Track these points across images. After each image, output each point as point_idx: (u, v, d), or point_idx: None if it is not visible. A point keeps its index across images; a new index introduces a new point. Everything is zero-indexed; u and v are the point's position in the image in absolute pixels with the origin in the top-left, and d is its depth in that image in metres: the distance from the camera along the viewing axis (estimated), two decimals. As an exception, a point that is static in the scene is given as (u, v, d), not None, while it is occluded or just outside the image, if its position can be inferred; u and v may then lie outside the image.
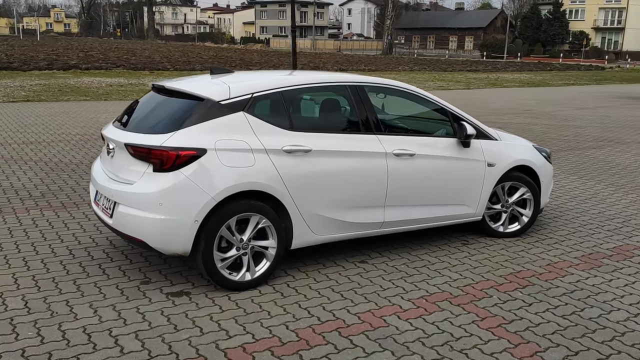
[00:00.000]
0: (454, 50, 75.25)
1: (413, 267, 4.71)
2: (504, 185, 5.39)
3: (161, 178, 3.89)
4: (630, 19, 69.71)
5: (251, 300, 4.01)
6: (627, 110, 17.89)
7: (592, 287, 4.37)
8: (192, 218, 3.87)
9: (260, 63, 40.92)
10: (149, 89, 19.19)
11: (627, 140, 11.91)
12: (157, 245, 3.94)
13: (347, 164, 4.45)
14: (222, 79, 4.52)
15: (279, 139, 4.20)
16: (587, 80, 34.90)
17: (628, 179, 8.22)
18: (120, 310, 3.82)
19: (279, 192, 4.16)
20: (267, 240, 4.21)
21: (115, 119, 4.78)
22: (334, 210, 4.45)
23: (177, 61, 38.82)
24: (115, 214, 4.09)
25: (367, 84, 4.81)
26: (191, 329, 3.60)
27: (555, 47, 69.61)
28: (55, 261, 4.63)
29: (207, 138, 3.98)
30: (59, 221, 5.66)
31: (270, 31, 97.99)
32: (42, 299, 3.96)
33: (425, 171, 4.83)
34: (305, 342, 3.46)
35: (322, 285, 4.31)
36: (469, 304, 4.02)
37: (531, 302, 4.08)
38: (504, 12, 77.43)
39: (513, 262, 4.86)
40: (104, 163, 4.55)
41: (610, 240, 5.48)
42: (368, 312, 3.88)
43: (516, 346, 3.46)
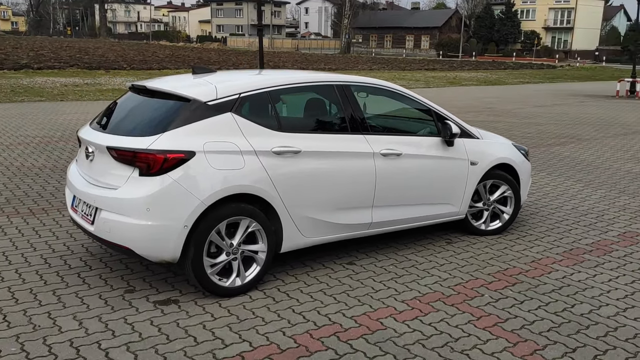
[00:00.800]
0: (410, 50, 76.13)
1: (402, 267, 4.68)
2: (486, 183, 5.43)
3: (148, 182, 3.73)
4: (579, 19, 72.03)
5: (243, 307, 3.90)
6: (582, 108, 18.42)
7: (578, 282, 4.43)
8: (182, 223, 3.74)
9: (218, 62, 40.42)
10: (105, 88, 18.66)
11: (587, 137, 12.25)
12: (145, 252, 3.78)
13: (336, 164, 4.38)
14: (206, 78, 4.38)
15: (267, 140, 4.10)
16: (541, 79, 35.83)
17: (594, 175, 8.43)
18: (107, 321, 3.65)
19: (269, 194, 4.06)
20: (257, 244, 4.11)
21: (93, 120, 4.59)
22: (323, 211, 4.38)
23: (132, 60, 37.97)
24: (98, 220, 3.91)
25: (353, 83, 4.75)
26: (184, 338, 3.47)
27: (508, 46, 71.27)
28: (31, 271, 4.41)
29: (195, 140, 3.84)
30: (28, 228, 5.40)
31: (227, 30, 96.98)
32: (21, 311, 3.75)
33: (411, 171, 4.81)
34: (304, 349, 3.37)
35: (313, 288, 4.23)
36: (463, 304, 4.02)
37: (522, 299, 4.11)
38: (459, 12, 78.84)
39: (499, 260, 4.89)
40: (81, 167, 4.35)
41: (587, 236, 5.59)
42: (364, 315, 3.82)
43: (515, 345, 3.46)
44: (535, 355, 3.35)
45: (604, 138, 12.16)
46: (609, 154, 10.21)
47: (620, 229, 5.84)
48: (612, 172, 8.68)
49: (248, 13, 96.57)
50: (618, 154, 10.30)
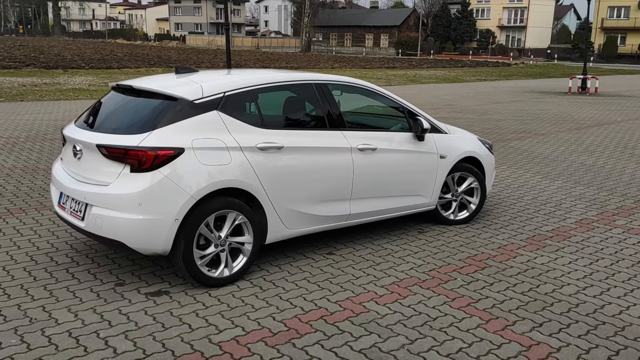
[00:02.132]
0: (370, 48, 76.90)
1: (378, 255, 4.95)
2: (454, 175, 5.74)
3: (139, 178, 3.88)
4: (532, 18, 74.11)
5: (232, 295, 4.10)
6: (537, 104, 19.13)
7: (541, 265, 4.78)
8: (173, 217, 3.90)
9: (179, 60, 40.10)
10: (65, 88, 18.39)
11: (543, 132, 12.80)
12: (137, 245, 3.93)
13: (317, 159, 4.61)
14: (191, 78, 4.55)
15: (252, 137, 4.30)
16: (497, 76, 36.79)
17: (551, 167, 8.89)
18: (102, 312, 3.79)
19: (254, 188, 4.26)
20: (243, 236, 4.30)
21: (78, 119, 4.69)
22: (305, 204, 4.60)
23: (90, 59, 37.35)
24: (88, 216, 4.04)
25: (330, 81, 4.99)
26: (179, 326, 3.64)
27: (464, 45, 72.75)
28: (18, 268, 4.49)
29: (183, 137, 4.01)
30: (8, 227, 5.45)
31: (185, 28, 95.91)
32: (15, 306, 3.85)
33: (386, 164, 5.08)
34: (295, 332, 3.59)
35: (297, 277, 4.45)
36: (438, 287, 4.30)
37: (492, 282, 4.42)
38: (416, 11, 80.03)
39: (468, 247, 5.21)
40: (68, 165, 4.45)
41: (548, 223, 5.97)
42: (347, 299, 4.06)
43: (487, 322, 3.76)
44: (506, 330, 3.65)
45: (559, 132, 12.73)
46: (564, 148, 10.73)
47: (577, 216, 6.25)
48: (568, 164, 9.17)
49: (207, 11, 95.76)
50: (572, 147, 10.84)
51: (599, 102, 19.90)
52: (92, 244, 5.04)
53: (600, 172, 8.59)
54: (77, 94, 19.06)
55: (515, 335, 3.60)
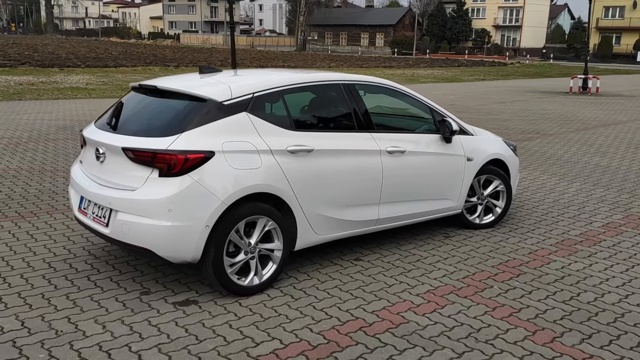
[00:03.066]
0: (365, 47, 76.77)
1: (408, 262, 4.79)
2: (480, 178, 5.60)
3: (169, 183, 3.71)
4: (527, 18, 74.19)
5: (264, 305, 3.93)
6: (540, 104, 19.04)
7: (577, 272, 4.64)
8: (203, 223, 3.73)
9: (175, 59, 39.83)
10: (63, 87, 18.15)
11: (551, 132, 12.69)
12: (166, 253, 3.76)
13: (346, 162, 4.45)
14: (217, 78, 4.37)
15: (282, 139, 4.13)
16: (495, 76, 36.75)
17: (566, 169, 8.77)
18: (131, 324, 3.61)
19: (285, 193, 4.09)
20: (272, 242, 4.13)
21: (98, 120, 4.50)
22: (334, 209, 4.44)
23: (85, 57, 36.99)
24: (114, 222, 3.86)
25: (357, 82, 4.83)
26: (214, 338, 3.47)
27: (459, 44, 72.78)
28: (36, 276, 4.30)
29: (213, 140, 3.84)
30: (21, 232, 5.25)
31: (179, 26, 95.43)
32: (38, 317, 3.67)
33: (414, 167, 4.92)
34: (335, 344, 3.43)
35: (328, 285, 4.29)
36: (475, 296, 4.15)
37: (530, 290, 4.27)
38: (412, 10, 79.93)
39: (498, 252, 5.06)
40: (89, 168, 4.27)
41: (574, 227, 5.83)
42: (383, 309, 3.91)
43: (534, 333, 3.61)
44: (555, 343, 3.50)
45: (567, 133, 12.63)
46: (575, 149, 10.62)
47: (603, 220, 6.12)
48: (582, 165, 9.05)
49: (201, 9, 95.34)
50: (583, 148, 10.73)
51: (602, 102, 19.84)
52: (110, 250, 4.86)
53: (616, 173, 8.47)
54: (75, 93, 18.81)
55: (565, 347, 3.45)
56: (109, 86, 21.51)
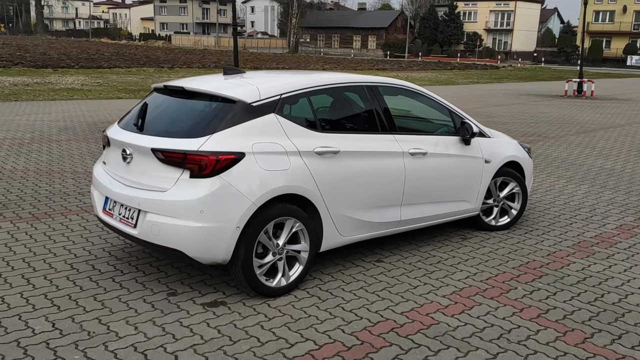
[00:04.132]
0: (358, 50, 76.94)
1: (429, 263, 4.81)
2: (496, 180, 5.63)
3: (200, 184, 3.70)
4: (518, 22, 74.71)
5: (292, 306, 3.92)
6: (538, 107, 19.17)
7: (597, 274, 4.68)
8: (234, 224, 3.72)
9: (168, 60, 39.72)
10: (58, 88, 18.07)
11: (552, 135, 12.78)
12: (196, 254, 3.74)
13: (371, 164, 4.46)
14: (244, 79, 4.37)
15: (309, 141, 4.13)
16: (488, 79, 36.96)
17: (572, 172, 8.83)
18: (162, 325, 3.60)
19: (312, 194, 4.09)
20: (299, 243, 4.13)
21: (121, 120, 4.48)
22: (358, 210, 4.45)
23: (78, 58, 36.81)
24: (143, 223, 3.84)
25: (380, 83, 4.85)
26: (247, 339, 3.46)
27: (451, 47, 73.12)
28: (60, 277, 4.28)
29: (243, 141, 3.84)
30: (38, 234, 5.21)
31: (171, 28, 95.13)
32: (68, 318, 3.64)
33: (435, 169, 4.94)
34: (369, 345, 3.43)
35: (353, 286, 4.29)
36: (501, 297, 4.17)
37: (554, 291, 4.30)
38: (404, 13, 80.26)
39: (517, 254, 5.09)
40: (114, 169, 4.24)
41: (588, 229, 5.88)
42: (412, 310, 3.91)
43: (565, 334, 3.64)
44: (586, 343, 3.53)
45: (568, 136, 12.73)
46: (578, 151, 10.70)
47: (616, 222, 6.17)
48: (587, 168, 9.12)
49: (193, 11, 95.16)
50: (586, 150, 10.82)
51: (597, 106, 20.02)
52: (131, 251, 4.84)
53: (621, 176, 8.55)
54: (71, 94, 18.71)
55: (597, 348, 3.47)
56: (105, 87, 21.41)
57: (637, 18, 67.05)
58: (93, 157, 8.72)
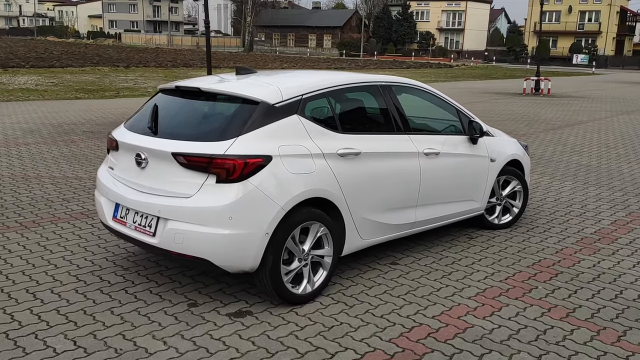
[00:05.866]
0: (313, 49, 76.88)
1: (444, 264, 4.76)
2: (500, 179, 5.64)
3: (228, 189, 3.53)
4: (469, 21, 76.29)
5: (321, 314, 3.80)
6: (500, 105, 19.54)
7: (609, 270, 4.73)
8: (263, 231, 3.57)
9: (122, 59, 38.68)
10: (12, 88, 17.40)
11: (522, 133, 13.01)
12: (224, 263, 3.57)
13: (390, 165, 4.38)
14: (262, 79, 4.21)
15: (332, 143, 4.02)
16: (445, 77, 37.51)
17: (553, 168, 8.99)
18: (192, 338, 3.42)
19: (336, 197, 3.98)
20: (323, 248, 4.02)
21: (128, 123, 4.25)
22: (377, 212, 4.36)
23: (26, 57, 35.46)
24: (165, 231, 3.64)
25: (394, 83, 4.78)
26: (285, 350, 3.32)
27: (405, 46, 74.00)
28: (68, 290, 4.02)
29: (269, 144, 3.69)
30: (31, 244, 4.91)
31: (120, 26, 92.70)
32: (89, 335, 3.42)
33: (447, 169, 4.91)
34: (412, 352, 3.35)
35: (376, 290, 4.20)
36: (525, 297, 4.16)
37: (574, 289, 4.32)
38: (358, 13, 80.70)
39: (526, 253, 5.10)
40: (125, 174, 4.01)
41: (586, 226, 5.97)
42: (443, 314, 3.85)
43: (598, 333, 3.65)
44: (622, 341, 3.55)
45: (537, 133, 12.99)
46: (552, 148, 10.93)
47: (609, 217, 6.29)
48: (565, 164, 9.31)
49: (143, 8, 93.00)
50: (558, 147, 11.05)
51: (557, 103, 20.57)
52: (136, 260, 4.61)
53: (600, 172, 8.76)
54: (27, 95, 17.93)
55: (634, 346, 3.49)
56: (61, 87, 20.64)
57: (582, 18, 69.55)
58: (67, 161, 8.33)
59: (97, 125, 12.09)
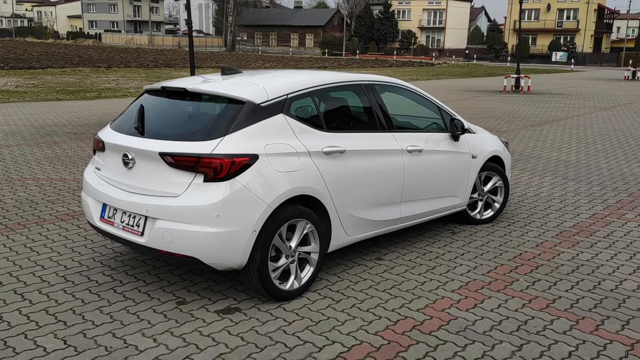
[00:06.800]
0: (296, 48, 76.94)
1: (428, 259, 4.86)
2: (481, 175, 5.76)
3: (215, 188, 3.58)
4: (450, 20, 76.90)
5: (309, 309, 3.87)
6: (481, 102, 19.77)
7: (587, 262, 4.87)
8: (251, 228, 3.63)
9: (102, 60, 38.38)
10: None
11: (503, 129, 13.21)
12: (213, 261, 3.63)
13: (373, 162, 4.47)
14: (247, 79, 4.27)
15: (317, 141, 4.09)
16: (427, 76, 37.79)
17: (532, 164, 9.16)
18: (181, 335, 3.47)
19: (322, 194, 4.05)
20: (309, 245, 4.09)
21: (114, 124, 4.28)
22: (363, 209, 4.44)
23: (5, 58, 35.03)
24: (153, 230, 3.68)
25: (377, 82, 4.87)
26: (274, 345, 3.39)
27: (387, 45, 74.39)
28: (56, 290, 4.05)
29: (255, 143, 3.75)
30: (18, 245, 4.92)
31: (100, 26, 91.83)
32: (79, 334, 3.45)
33: (430, 166, 5.00)
34: (397, 344, 3.43)
35: (362, 285, 4.28)
36: (507, 289, 4.27)
37: (554, 281, 4.44)
38: (340, 12, 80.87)
39: (507, 246, 5.22)
40: (112, 174, 4.05)
41: (565, 219, 6.11)
42: (427, 307, 3.95)
43: (577, 323, 3.76)
44: (600, 330, 3.66)
45: (517, 130, 13.19)
46: (532, 144, 11.11)
47: (588, 211, 6.44)
48: (545, 160, 9.48)
49: (123, 8, 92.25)
50: (538, 143, 11.25)
51: (536, 100, 20.85)
52: (124, 260, 4.64)
53: (578, 167, 8.94)
54: (7, 97, 17.78)
55: (611, 334, 3.61)
56: (41, 89, 20.47)
57: (561, 16, 70.45)
58: (50, 163, 8.31)
59: (79, 126, 12.04)
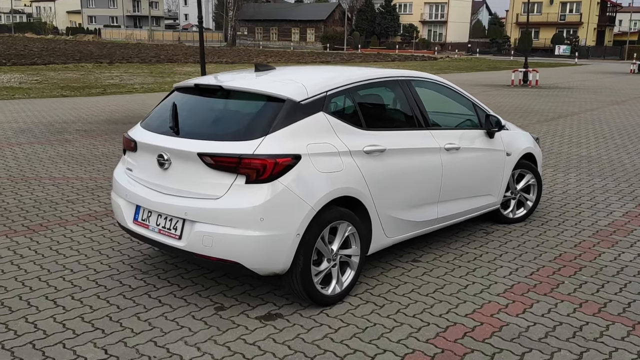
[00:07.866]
0: (297, 42, 76.56)
1: (466, 260, 4.71)
2: (514, 173, 5.60)
3: (259, 190, 3.42)
4: (452, 13, 76.45)
5: (352, 315, 3.72)
6: (491, 97, 19.58)
7: (631, 263, 4.72)
8: (295, 231, 3.48)
9: (104, 55, 38.15)
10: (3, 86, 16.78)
11: (518, 125, 12.95)
12: (256, 265, 3.48)
13: (413, 161, 4.31)
14: (286, 76, 4.11)
15: (357, 140, 3.93)
16: (431, 70, 37.49)
17: (554, 160, 9.00)
18: (226, 343, 3.32)
19: (364, 196, 3.90)
20: (350, 248, 3.94)
21: (145, 122, 4.12)
22: (402, 209, 4.29)
23: (6, 55, 34.79)
24: (192, 234, 3.53)
25: (413, 78, 4.71)
26: (323, 354, 3.24)
27: (388, 39, 74.01)
28: (89, 296, 3.90)
29: (298, 142, 3.59)
30: (43, 248, 4.77)
31: (100, 21, 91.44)
32: (119, 343, 3.30)
33: (467, 164, 4.85)
34: (452, 353, 3.29)
35: (404, 289, 4.13)
36: (554, 293, 4.12)
37: (601, 283, 4.29)
38: (341, 6, 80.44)
39: (545, 247, 5.07)
40: (145, 175, 3.89)
41: (599, 218, 5.96)
42: (475, 312, 3.80)
43: (634, 328, 3.62)
44: (659, 336, 3.52)
45: (531, 125, 13.02)
46: (550, 140, 10.95)
47: (620, 209, 6.29)
48: (566, 156, 9.32)
49: (123, 3, 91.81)
50: (556, 139, 11.09)
51: (546, 94, 20.67)
52: (154, 262, 4.49)
53: (601, 163, 8.78)
54: (12, 93, 17.58)
55: (671, 340, 3.47)
56: (45, 85, 20.27)
57: (563, 9, 70.10)
58: (65, 161, 8.15)
59: (89, 123, 11.86)
